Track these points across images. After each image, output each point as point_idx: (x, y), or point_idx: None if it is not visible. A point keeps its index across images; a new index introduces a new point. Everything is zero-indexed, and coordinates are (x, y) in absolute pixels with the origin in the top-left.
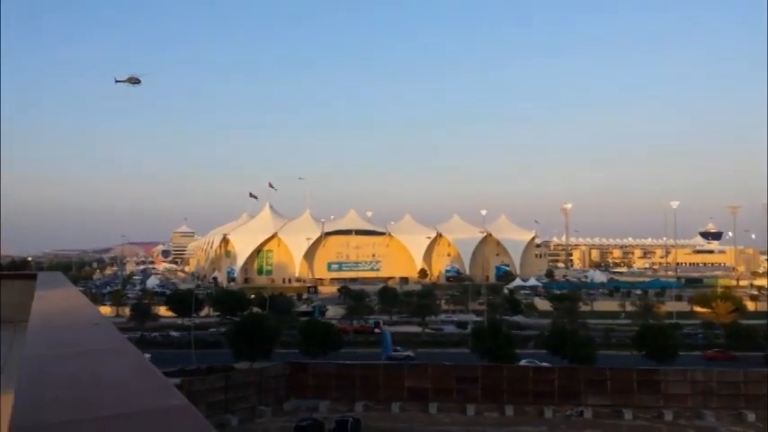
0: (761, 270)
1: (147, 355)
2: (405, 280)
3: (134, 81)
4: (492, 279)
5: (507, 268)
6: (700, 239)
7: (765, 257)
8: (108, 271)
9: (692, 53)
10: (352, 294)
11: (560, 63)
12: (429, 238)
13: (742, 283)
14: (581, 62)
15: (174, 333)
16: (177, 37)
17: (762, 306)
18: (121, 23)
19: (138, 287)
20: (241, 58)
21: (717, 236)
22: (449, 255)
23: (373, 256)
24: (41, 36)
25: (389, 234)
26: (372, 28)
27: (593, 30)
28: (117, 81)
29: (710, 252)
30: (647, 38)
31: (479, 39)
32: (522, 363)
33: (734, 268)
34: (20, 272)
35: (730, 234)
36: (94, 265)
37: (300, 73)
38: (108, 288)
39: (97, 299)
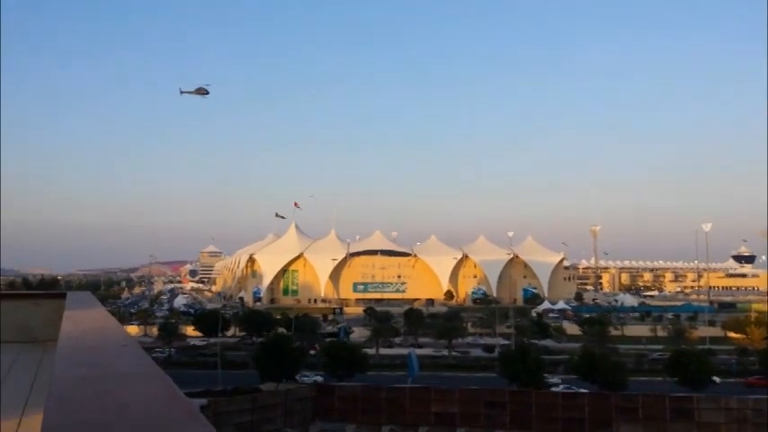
0: None
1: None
2: (431, 302)
3: (202, 92)
4: (519, 302)
5: (535, 291)
6: (732, 263)
7: None
8: (136, 290)
9: (722, 75)
10: (377, 316)
11: (589, 85)
12: (455, 259)
13: None
14: (609, 84)
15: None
16: (206, 56)
17: None
18: (146, 38)
19: (165, 306)
20: (265, 78)
21: (750, 259)
22: (475, 276)
23: (399, 277)
24: (65, 55)
25: (415, 255)
26: (402, 49)
27: (622, 52)
28: (183, 92)
29: (743, 276)
30: (677, 60)
31: (506, 60)
32: (559, 388)
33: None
34: (50, 291)
35: (764, 257)
36: (122, 284)
37: (327, 92)
38: (136, 307)
39: (125, 318)
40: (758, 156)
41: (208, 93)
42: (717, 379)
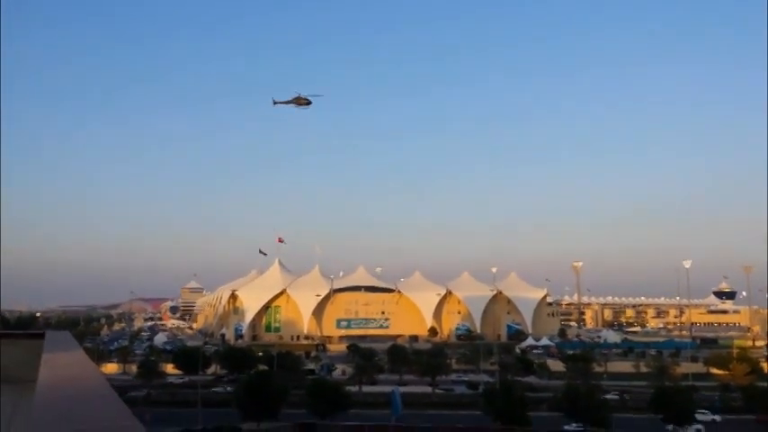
0: None
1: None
2: (414, 338)
3: (302, 102)
4: (503, 338)
5: (519, 327)
6: (713, 299)
7: None
8: (116, 327)
9: (705, 112)
10: (360, 353)
11: (572, 121)
12: (439, 295)
13: (758, 343)
14: (592, 120)
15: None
16: (182, 93)
17: None
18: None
19: (145, 344)
20: (250, 111)
21: (731, 295)
22: (459, 313)
23: (383, 313)
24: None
25: (399, 291)
26: (379, 83)
27: (604, 91)
28: (276, 103)
29: (725, 312)
30: (660, 97)
31: (488, 97)
32: (572, 426)
33: (749, 328)
34: (27, 331)
35: (744, 293)
36: (102, 320)
37: (313, 124)
38: (116, 344)
39: (104, 356)
40: (738, 195)
41: (310, 103)
42: (717, 417)
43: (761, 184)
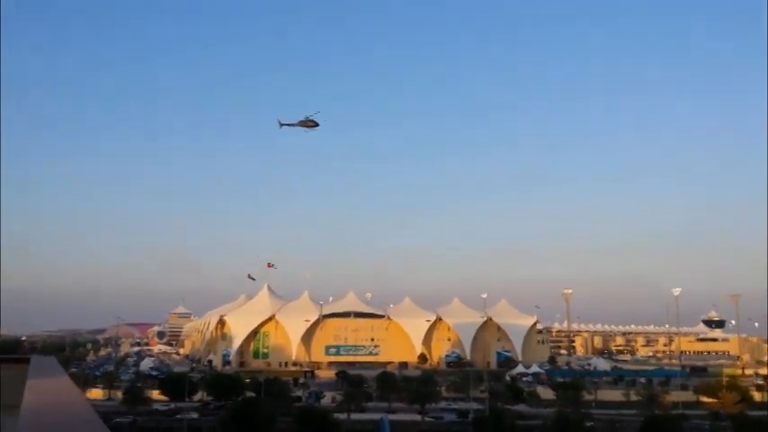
0: (765, 359)
1: None
2: (404, 365)
3: (309, 125)
4: (493, 365)
5: (509, 354)
6: (703, 327)
7: None
8: (102, 352)
9: (692, 141)
10: (349, 380)
11: (564, 149)
12: (429, 321)
13: (747, 372)
14: (583, 148)
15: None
16: (168, 118)
17: None
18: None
19: (131, 369)
20: (239, 132)
21: (720, 323)
22: (449, 339)
23: (372, 339)
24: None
25: (389, 317)
26: (363, 108)
27: (596, 120)
28: (283, 125)
29: (714, 340)
30: (650, 126)
31: (482, 122)
32: None
33: (738, 357)
34: (11, 356)
35: (733, 322)
36: (88, 345)
37: (300, 152)
38: (101, 370)
39: (90, 381)
40: (727, 222)
41: (317, 125)
42: None
43: (749, 213)
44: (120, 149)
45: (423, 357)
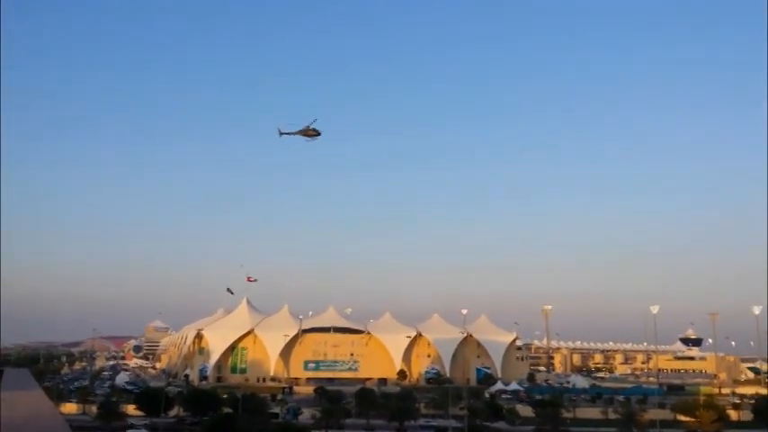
0: (742, 378)
1: None
2: (383, 381)
3: (310, 133)
4: (473, 381)
5: (488, 371)
6: (680, 345)
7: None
8: (77, 366)
9: (674, 163)
10: (328, 396)
11: (547, 166)
12: (409, 337)
13: (724, 390)
14: (564, 165)
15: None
16: (152, 130)
17: (745, 415)
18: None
19: (107, 384)
20: (221, 146)
21: (697, 342)
22: (429, 356)
23: (351, 355)
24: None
25: (369, 332)
26: (353, 120)
27: (575, 137)
28: (283, 134)
29: (691, 359)
30: (634, 144)
31: (462, 136)
32: None
33: (715, 375)
34: None
35: (710, 341)
36: (63, 359)
37: (283, 168)
38: (76, 384)
39: (64, 395)
40: (705, 242)
41: (319, 134)
42: None
43: (729, 233)
44: (96, 162)
45: (402, 373)
